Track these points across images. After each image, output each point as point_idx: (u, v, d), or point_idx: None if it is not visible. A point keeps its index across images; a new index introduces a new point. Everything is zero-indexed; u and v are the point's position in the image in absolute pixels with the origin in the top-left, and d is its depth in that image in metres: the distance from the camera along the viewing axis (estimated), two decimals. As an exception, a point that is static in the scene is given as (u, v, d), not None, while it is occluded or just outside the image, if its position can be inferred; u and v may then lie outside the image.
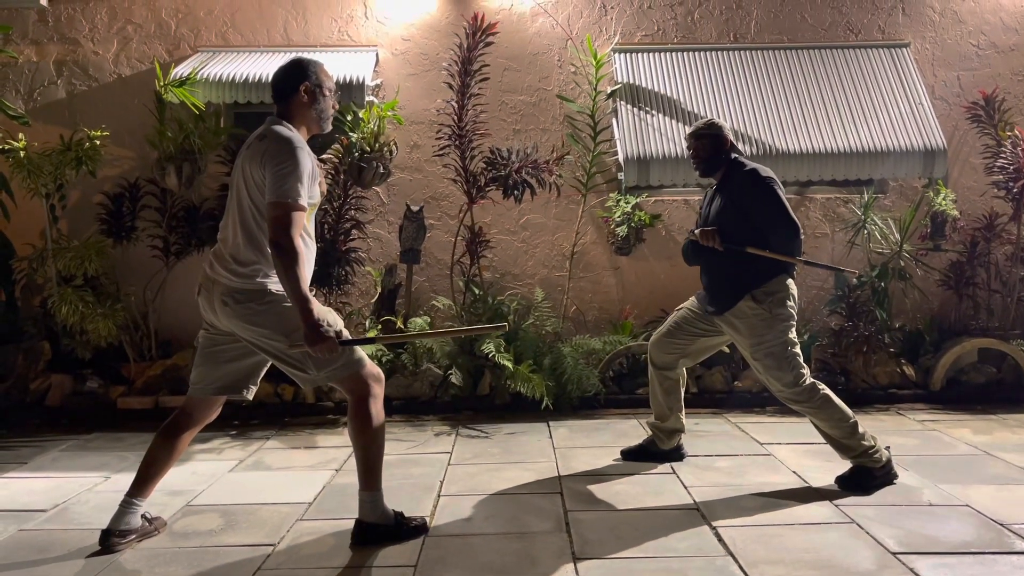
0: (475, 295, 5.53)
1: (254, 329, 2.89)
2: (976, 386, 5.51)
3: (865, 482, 3.58)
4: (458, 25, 5.77)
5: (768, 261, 3.58)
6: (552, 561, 2.88)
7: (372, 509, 3.05)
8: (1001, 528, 3.11)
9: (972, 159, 6.10)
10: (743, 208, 3.62)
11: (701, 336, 3.91)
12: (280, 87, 2.99)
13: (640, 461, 4.07)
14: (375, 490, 3.05)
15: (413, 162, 6.07)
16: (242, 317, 2.88)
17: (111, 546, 2.99)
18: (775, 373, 3.60)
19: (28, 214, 5.51)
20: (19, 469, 4.18)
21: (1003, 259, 5.90)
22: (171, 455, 3.08)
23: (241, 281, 2.87)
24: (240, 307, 2.86)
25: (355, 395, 2.98)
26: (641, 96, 5.92)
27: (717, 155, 3.75)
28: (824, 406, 3.58)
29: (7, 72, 6.03)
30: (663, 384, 4.00)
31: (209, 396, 3.08)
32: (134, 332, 5.62)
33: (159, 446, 3.07)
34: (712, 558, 2.89)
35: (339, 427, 5.01)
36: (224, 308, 2.88)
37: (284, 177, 2.74)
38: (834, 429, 3.61)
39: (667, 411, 4.02)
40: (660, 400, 4.01)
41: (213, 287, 2.91)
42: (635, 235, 5.79)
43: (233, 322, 2.90)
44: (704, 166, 3.80)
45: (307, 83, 2.97)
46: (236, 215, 2.91)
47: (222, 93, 5.59)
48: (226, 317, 2.90)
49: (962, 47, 6.20)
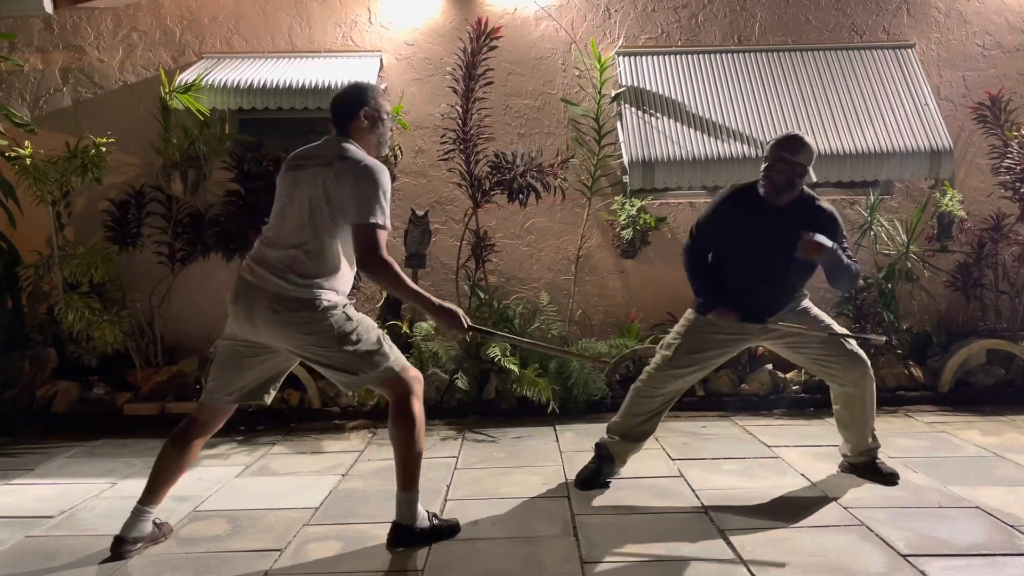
0: (480, 299, 5.52)
1: (302, 337, 2.88)
2: (984, 387, 5.48)
3: (886, 467, 3.74)
4: (462, 30, 5.78)
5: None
6: (560, 565, 2.87)
7: (409, 511, 3.05)
8: (1012, 530, 3.09)
9: (978, 160, 6.08)
10: None
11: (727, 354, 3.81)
12: (341, 111, 3.03)
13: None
14: (413, 491, 3.05)
15: (418, 167, 6.07)
16: (292, 325, 2.86)
17: (122, 553, 2.99)
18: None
19: (34, 221, 5.53)
20: (26, 476, 4.19)
21: (1010, 260, 5.87)
22: (182, 463, 3.08)
23: (297, 290, 2.85)
24: (292, 315, 2.85)
25: (397, 395, 3.00)
26: (645, 99, 5.92)
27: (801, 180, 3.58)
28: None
29: (13, 80, 6.05)
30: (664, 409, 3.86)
31: (228, 406, 3.09)
32: (140, 339, 5.63)
33: (170, 454, 3.06)
34: (721, 562, 2.87)
35: (345, 432, 5.01)
36: (272, 315, 2.86)
37: (370, 200, 2.80)
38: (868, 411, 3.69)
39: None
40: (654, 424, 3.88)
41: (257, 294, 2.88)
42: (640, 238, 5.78)
43: (278, 329, 2.88)
44: (786, 191, 3.57)
45: (367, 108, 3.01)
46: (307, 231, 2.88)
47: (227, 99, 5.60)
48: (273, 324, 2.87)
49: (967, 48, 6.18)
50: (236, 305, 2.95)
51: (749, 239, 3.60)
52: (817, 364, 3.71)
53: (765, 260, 3.57)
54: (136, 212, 5.65)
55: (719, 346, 3.70)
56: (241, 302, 2.93)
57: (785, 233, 3.49)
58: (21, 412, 5.29)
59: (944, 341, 5.73)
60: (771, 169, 3.58)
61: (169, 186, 5.39)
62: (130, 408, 5.28)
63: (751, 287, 3.60)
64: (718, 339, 3.68)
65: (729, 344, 3.72)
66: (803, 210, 3.58)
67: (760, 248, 3.57)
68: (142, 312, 5.68)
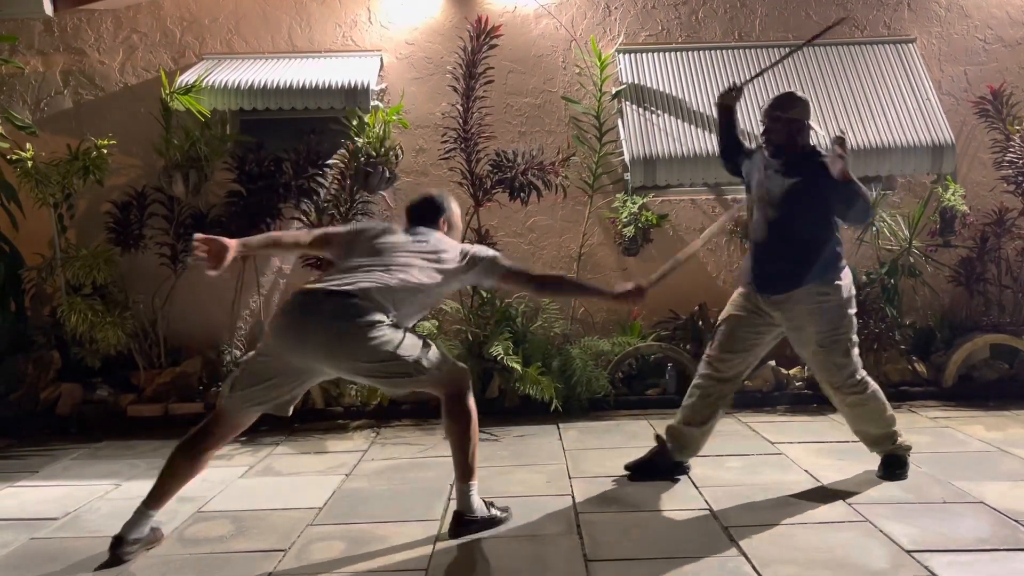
0: (483, 298, 5.52)
1: (362, 363, 2.97)
2: (988, 382, 5.46)
3: (901, 469, 3.65)
4: (462, 28, 5.77)
5: (836, 250, 3.57)
6: (564, 564, 2.87)
7: (468, 500, 3.13)
8: (1016, 525, 3.09)
9: (981, 154, 6.06)
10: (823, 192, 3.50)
11: (763, 335, 3.72)
12: (423, 216, 3.37)
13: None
14: (471, 481, 3.13)
15: (419, 166, 6.07)
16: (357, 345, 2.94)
17: (121, 554, 2.98)
18: (841, 360, 3.54)
19: (36, 224, 5.53)
20: (30, 478, 4.19)
21: (1014, 254, 5.85)
22: (192, 472, 3.09)
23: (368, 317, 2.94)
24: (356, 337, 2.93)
25: (449, 392, 3.09)
26: (646, 96, 5.91)
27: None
28: (873, 397, 3.60)
29: (14, 83, 6.05)
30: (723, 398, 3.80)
31: (252, 413, 3.11)
32: (143, 340, 5.63)
33: (181, 463, 3.05)
34: (725, 558, 2.87)
35: (348, 432, 5.02)
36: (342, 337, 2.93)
37: (497, 265, 3.29)
38: (876, 421, 3.63)
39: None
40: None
41: (321, 318, 2.93)
42: (642, 235, 5.77)
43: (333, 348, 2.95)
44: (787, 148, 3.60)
45: (444, 217, 3.39)
46: (398, 284, 3.01)
47: (228, 100, 5.61)
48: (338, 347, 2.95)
49: (969, 42, 6.17)
50: (286, 321, 2.99)
51: (763, 195, 3.63)
52: (811, 364, 3.76)
53: (778, 215, 3.54)
54: (138, 214, 5.65)
55: (752, 325, 3.65)
56: (296, 321, 2.97)
57: (795, 186, 3.50)
58: (25, 414, 5.30)
59: (947, 336, 5.72)
60: (768, 131, 3.62)
61: (171, 187, 5.39)
62: (134, 409, 5.28)
63: (769, 246, 3.59)
64: (750, 319, 3.65)
65: (760, 325, 3.65)
66: (812, 165, 3.53)
67: (769, 201, 3.58)
68: (145, 313, 5.68)
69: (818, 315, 3.52)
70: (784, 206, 3.54)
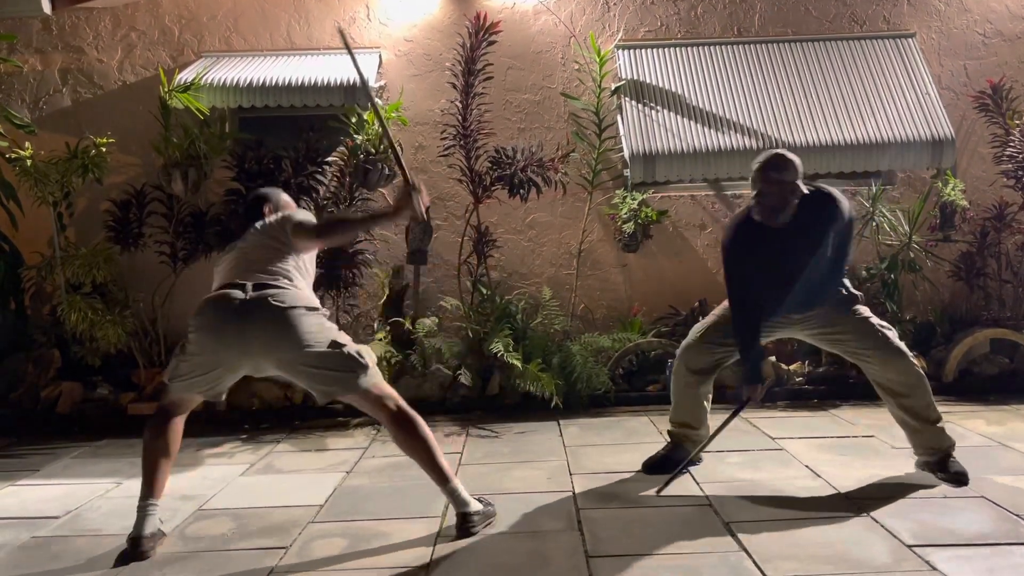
0: (483, 295, 5.52)
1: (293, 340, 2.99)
2: (988, 377, 5.46)
3: (959, 467, 3.56)
4: (460, 25, 5.77)
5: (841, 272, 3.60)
6: (565, 560, 2.87)
7: (459, 499, 3.13)
8: (1017, 519, 3.09)
9: (980, 148, 6.06)
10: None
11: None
12: (249, 215, 3.35)
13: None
14: (452, 481, 3.13)
15: (418, 163, 6.06)
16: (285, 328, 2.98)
17: (144, 552, 2.97)
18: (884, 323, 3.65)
19: (36, 223, 5.53)
20: (31, 476, 4.20)
21: (1014, 249, 5.86)
22: (169, 447, 3.09)
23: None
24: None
25: (389, 404, 3.09)
26: (645, 92, 5.90)
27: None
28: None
29: (12, 81, 6.05)
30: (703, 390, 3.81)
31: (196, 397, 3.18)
32: (143, 338, 5.63)
33: (155, 442, 3.08)
34: (726, 554, 2.87)
35: (349, 429, 5.02)
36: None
37: (289, 220, 3.22)
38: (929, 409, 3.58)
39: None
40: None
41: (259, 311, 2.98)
42: (642, 231, 5.77)
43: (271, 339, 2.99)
44: (782, 211, 3.45)
45: (267, 205, 3.37)
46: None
47: (227, 98, 5.60)
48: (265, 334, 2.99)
49: (968, 36, 6.16)
50: (218, 321, 3.01)
51: (764, 265, 3.49)
52: (853, 357, 3.66)
53: (786, 275, 3.47)
54: (137, 212, 5.65)
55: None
56: (232, 319, 2.99)
57: (797, 244, 3.44)
58: (25, 413, 5.30)
59: (948, 331, 5.71)
60: (762, 195, 3.46)
61: (170, 185, 5.38)
62: (134, 408, 5.28)
63: (780, 297, 3.52)
64: None
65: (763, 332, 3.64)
66: (806, 213, 3.45)
67: (778, 267, 3.47)
68: (145, 312, 5.68)
69: (846, 303, 3.58)
70: (791, 262, 3.46)
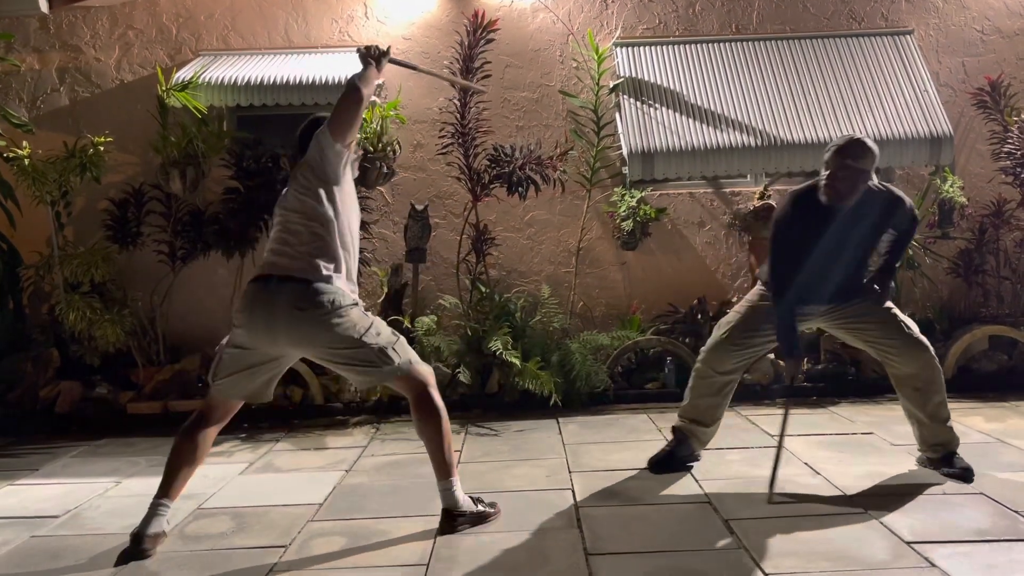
0: (481, 293, 5.52)
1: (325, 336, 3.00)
2: (987, 374, 5.47)
3: (964, 463, 3.57)
4: (458, 23, 5.76)
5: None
6: (564, 558, 2.87)
7: (453, 496, 3.14)
8: (1016, 515, 3.09)
9: (979, 145, 6.06)
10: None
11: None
12: (302, 144, 3.17)
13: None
14: (452, 477, 3.14)
15: (417, 161, 6.06)
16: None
17: (143, 550, 2.97)
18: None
19: (34, 222, 5.52)
20: (30, 476, 4.19)
21: (1012, 245, 5.86)
22: (196, 455, 3.09)
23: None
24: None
25: (417, 389, 3.09)
26: (644, 90, 5.90)
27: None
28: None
29: (10, 80, 6.04)
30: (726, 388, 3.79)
31: (236, 401, 3.15)
32: (142, 337, 5.62)
33: (184, 447, 3.07)
34: (725, 551, 2.87)
35: (348, 428, 5.02)
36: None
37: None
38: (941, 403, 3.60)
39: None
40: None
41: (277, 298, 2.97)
42: (641, 229, 5.77)
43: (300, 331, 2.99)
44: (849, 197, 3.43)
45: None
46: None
47: (224, 96, 5.60)
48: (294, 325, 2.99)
49: (966, 33, 6.16)
50: (250, 313, 2.99)
51: (816, 241, 3.46)
52: (874, 348, 3.64)
53: (834, 258, 3.46)
54: (136, 211, 5.65)
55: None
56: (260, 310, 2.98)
57: (851, 233, 3.44)
58: (24, 412, 5.30)
59: (946, 328, 5.72)
60: (834, 177, 3.38)
61: (168, 184, 5.38)
62: (133, 407, 5.28)
63: (820, 279, 3.49)
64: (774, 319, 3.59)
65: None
66: (867, 206, 3.43)
67: (829, 247, 3.45)
68: (143, 311, 5.68)
69: (882, 299, 3.60)
70: (843, 247, 3.46)
